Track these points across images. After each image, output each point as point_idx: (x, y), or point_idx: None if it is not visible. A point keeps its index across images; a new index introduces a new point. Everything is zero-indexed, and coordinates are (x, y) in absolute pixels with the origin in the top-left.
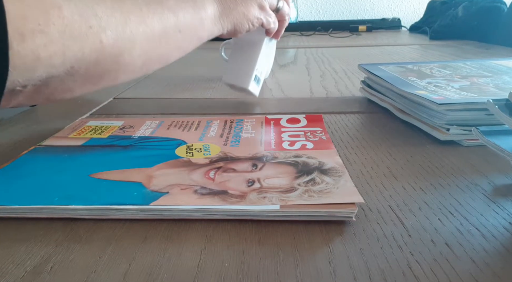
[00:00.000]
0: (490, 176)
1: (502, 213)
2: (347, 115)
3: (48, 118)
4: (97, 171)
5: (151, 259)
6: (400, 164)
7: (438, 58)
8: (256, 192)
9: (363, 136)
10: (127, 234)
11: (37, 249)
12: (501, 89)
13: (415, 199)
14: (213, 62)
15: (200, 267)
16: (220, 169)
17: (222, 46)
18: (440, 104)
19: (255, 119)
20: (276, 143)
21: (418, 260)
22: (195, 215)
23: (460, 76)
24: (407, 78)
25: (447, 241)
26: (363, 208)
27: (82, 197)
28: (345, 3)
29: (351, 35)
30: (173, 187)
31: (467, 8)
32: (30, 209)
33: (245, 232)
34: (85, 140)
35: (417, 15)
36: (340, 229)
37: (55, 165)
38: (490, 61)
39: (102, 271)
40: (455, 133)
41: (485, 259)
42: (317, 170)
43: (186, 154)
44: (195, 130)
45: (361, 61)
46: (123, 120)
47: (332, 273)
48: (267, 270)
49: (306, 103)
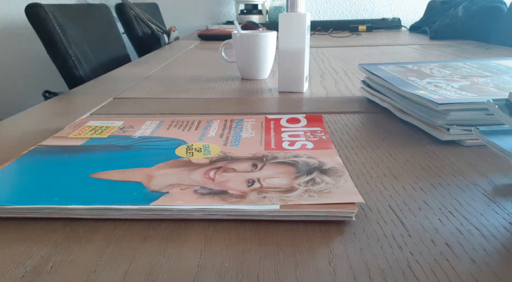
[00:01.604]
0: (490, 176)
1: (502, 213)
2: (347, 115)
3: (48, 118)
4: (97, 171)
5: (151, 259)
6: (400, 164)
7: (438, 58)
8: (256, 192)
9: (363, 136)
10: (127, 234)
11: (37, 249)
12: (501, 89)
13: (415, 199)
14: (213, 62)
15: (200, 267)
16: (220, 169)
17: (222, 46)
18: (440, 104)
19: (255, 119)
20: (276, 143)
21: (418, 260)
22: (195, 215)
23: (460, 76)
24: (407, 78)
25: (447, 241)
26: (363, 208)
27: (82, 197)
28: (345, 3)
29: (351, 35)
30: (173, 187)
31: (467, 8)
32: (30, 209)
33: (245, 232)
34: (85, 140)
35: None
36: (340, 229)
37: (55, 165)
38: (490, 61)
39: (102, 271)
40: (455, 133)
41: (485, 259)
42: (317, 170)
43: (186, 154)
44: (195, 130)
45: (361, 61)
46: (123, 120)
47: (332, 273)
48: (267, 270)
49: (306, 103)
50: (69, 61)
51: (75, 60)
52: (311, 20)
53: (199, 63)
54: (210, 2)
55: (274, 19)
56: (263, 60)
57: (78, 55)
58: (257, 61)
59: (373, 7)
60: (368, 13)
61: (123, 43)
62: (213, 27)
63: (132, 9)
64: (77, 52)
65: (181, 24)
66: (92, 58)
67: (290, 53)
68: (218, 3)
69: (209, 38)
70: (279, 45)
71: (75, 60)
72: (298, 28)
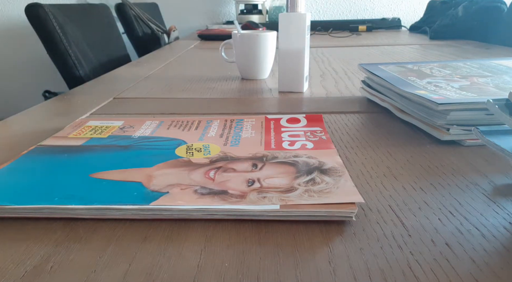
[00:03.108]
0: (490, 176)
1: (502, 213)
2: (347, 115)
3: (48, 118)
4: (97, 171)
5: (151, 259)
6: (400, 164)
7: (438, 58)
8: (256, 192)
9: (363, 136)
10: (127, 234)
11: (37, 249)
12: (501, 89)
13: (415, 199)
14: (213, 62)
15: (200, 267)
16: (220, 169)
17: (222, 46)
18: (440, 104)
19: (255, 119)
20: (276, 143)
21: (418, 260)
22: (195, 215)
23: (460, 76)
24: (407, 78)
25: (447, 241)
26: (363, 208)
27: (82, 197)
28: (345, 3)
29: (351, 35)
30: (173, 187)
31: (467, 8)
32: (30, 209)
33: (245, 232)
34: (85, 140)
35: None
36: (340, 229)
37: (55, 165)
38: (490, 61)
39: (102, 271)
40: (455, 133)
41: (485, 259)
42: (317, 170)
43: (186, 154)
44: (195, 130)
45: (361, 61)
46: (123, 120)
47: (332, 273)
48: (267, 270)
49: (306, 103)
50: (69, 61)
51: (75, 60)
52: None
53: (199, 63)
54: (210, 2)
55: (274, 19)
56: (263, 60)
57: (78, 55)
58: (257, 61)
59: (373, 7)
60: (368, 13)
61: (123, 43)
62: (213, 27)
63: (132, 9)
64: (77, 52)
65: (181, 24)
66: (92, 58)
67: (290, 53)
68: (218, 3)
69: (209, 38)
70: (279, 45)
71: (75, 60)
72: (298, 28)
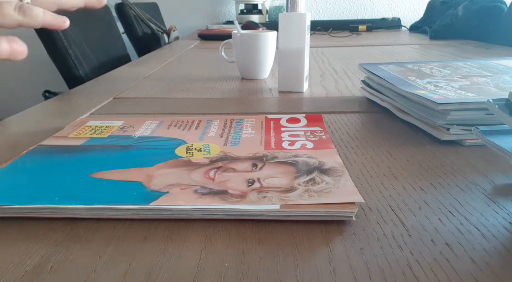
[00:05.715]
0: (490, 176)
1: (502, 213)
2: (347, 115)
3: (48, 118)
4: (97, 171)
5: (151, 259)
6: (400, 164)
7: (438, 58)
8: (256, 191)
9: (363, 136)
10: (127, 234)
11: (37, 249)
12: (501, 88)
13: (415, 199)
14: (213, 62)
15: (200, 267)
16: (220, 169)
17: (222, 46)
18: (440, 104)
19: (255, 119)
20: (276, 142)
21: (418, 260)
22: (195, 215)
23: (460, 76)
24: (407, 78)
25: (447, 241)
26: (363, 208)
27: (82, 197)
28: (345, 3)
29: (351, 35)
30: (173, 186)
31: (467, 7)
32: (30, 209)
33: (245, 232)
34: (85, 140)
35: (417, 14)
36: (340, 229)
37: (55, 165)
38: (490, 61)
39: (102, 271)
40: (455, 133)
41: (485, 259)
42: (317, 169)
43: (186, 153)
44: (195, 130)
45: (361, 61)
46: (123, 120)
47: (332, 273)
48: (267, 270)
49: (306, 103)
50: (69, 61)
51: (75, 60)
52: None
53: (199, 63)
54: (210, 2)
55: (274, 19)
56: (263, 60)
57: (78, 55)
58: (257, 61)
59: (373, 7)
60: (368, 13)
61: (123, 43)
62: (213, 27)
63: (132, 9)
64: (77, 52)
65: (181, 24)
66: (92, 58)
67: (290, 53)
68: (218, 3)
69: (209, 38)
70: (279, 45)
71: (75, 60)
72: (298, 28)
